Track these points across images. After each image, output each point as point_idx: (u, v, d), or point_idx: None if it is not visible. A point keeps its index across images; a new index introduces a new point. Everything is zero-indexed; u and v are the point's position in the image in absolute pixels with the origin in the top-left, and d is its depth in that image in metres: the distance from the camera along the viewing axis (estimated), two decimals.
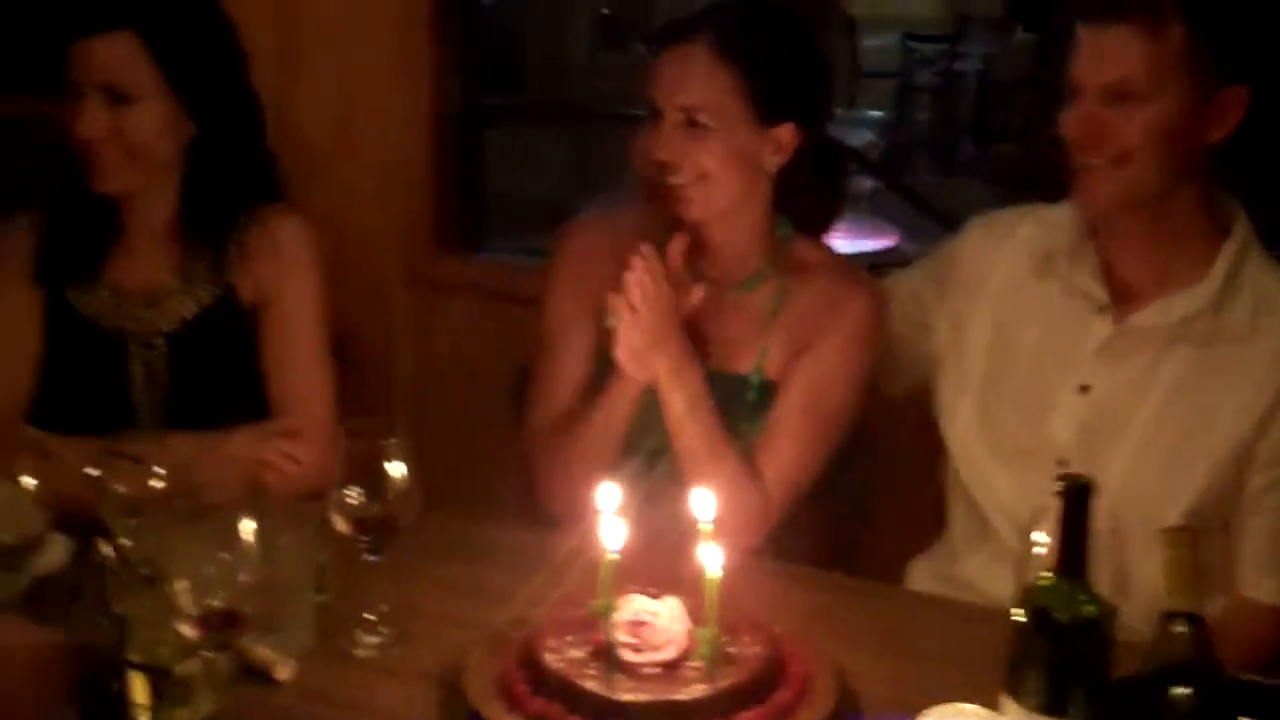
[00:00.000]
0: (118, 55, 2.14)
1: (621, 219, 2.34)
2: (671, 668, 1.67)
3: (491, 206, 3.63)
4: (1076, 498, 1.44)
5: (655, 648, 1.68)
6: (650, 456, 2.22)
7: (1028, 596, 1.49)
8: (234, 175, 2.27)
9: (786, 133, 2.19)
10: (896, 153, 9.28)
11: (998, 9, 10.85)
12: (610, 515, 1.72)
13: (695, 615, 1.71)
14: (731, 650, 1.70)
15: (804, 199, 2.29)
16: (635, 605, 1.72)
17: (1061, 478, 1.44)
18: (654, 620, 1.70)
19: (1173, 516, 2.06)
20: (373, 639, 1.85)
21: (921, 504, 2.54)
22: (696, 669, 1.67)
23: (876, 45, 10.12)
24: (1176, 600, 1.41)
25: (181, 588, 1.56)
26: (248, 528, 1.57)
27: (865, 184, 8.17)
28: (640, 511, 2.09)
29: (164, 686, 1.61)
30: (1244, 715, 1.41)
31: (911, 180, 8.04)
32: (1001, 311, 2.25)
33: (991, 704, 1.52)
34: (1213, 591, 2.04)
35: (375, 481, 1.81)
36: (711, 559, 1.68)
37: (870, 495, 2.53)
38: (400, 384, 3.19)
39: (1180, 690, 1.38)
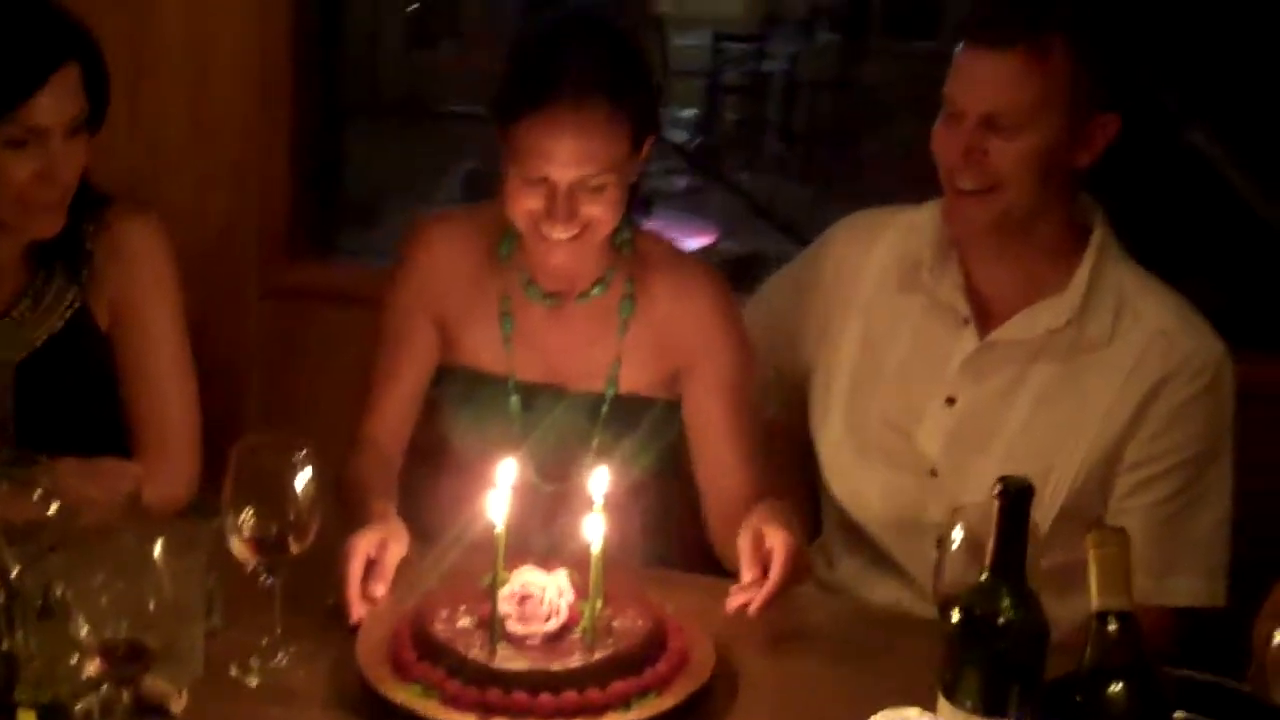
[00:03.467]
0: (70, 88, 2.04)
1: (471, 217, 2.27)
2: (554, 639, 1.75)
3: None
4: (1015, 500, 1.45)
5: (538, 619, 1.76)
6: (541, 473, 2.19)
7: (965, 598, 1.49)
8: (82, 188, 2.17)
9: (648, 147, 2.14)
10: (706, 150, 9.36)
11: (803, 10, 11.04)
12: (503, 491, 1.76)
13: (584, 590, 1.78)
14: (616, 624, 1.79)
15: None
16: (523, 578, 1.80)
17: (1001, 480, 1.45)
18: (539, 593, 1.77)
19: (1044, 520, 2.10)
20: (268, 665, 1.79)
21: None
22: (578, 640, 1.75)
23: (687, 44, 10.18)
24: (1108, 600, 1.43)
25: (82, 619, 1.47)
26: (153, 552, 1.49)
27: (680, 182, 8.25)
28: (531, 528, 2.08)
29: None
30: (1179, 710, 1.44)
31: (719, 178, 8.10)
32: (870, 322, 2.26)
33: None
34: (1084, 587, 2.10)
35: (274, 501, 1.75)
36: (595, 535, 1.74)
37: None
38: (257, 394, 3.08)
39: (1116, 688, 1.40)
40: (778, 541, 1.87)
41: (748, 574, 1.87)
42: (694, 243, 6.21)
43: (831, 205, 8.23)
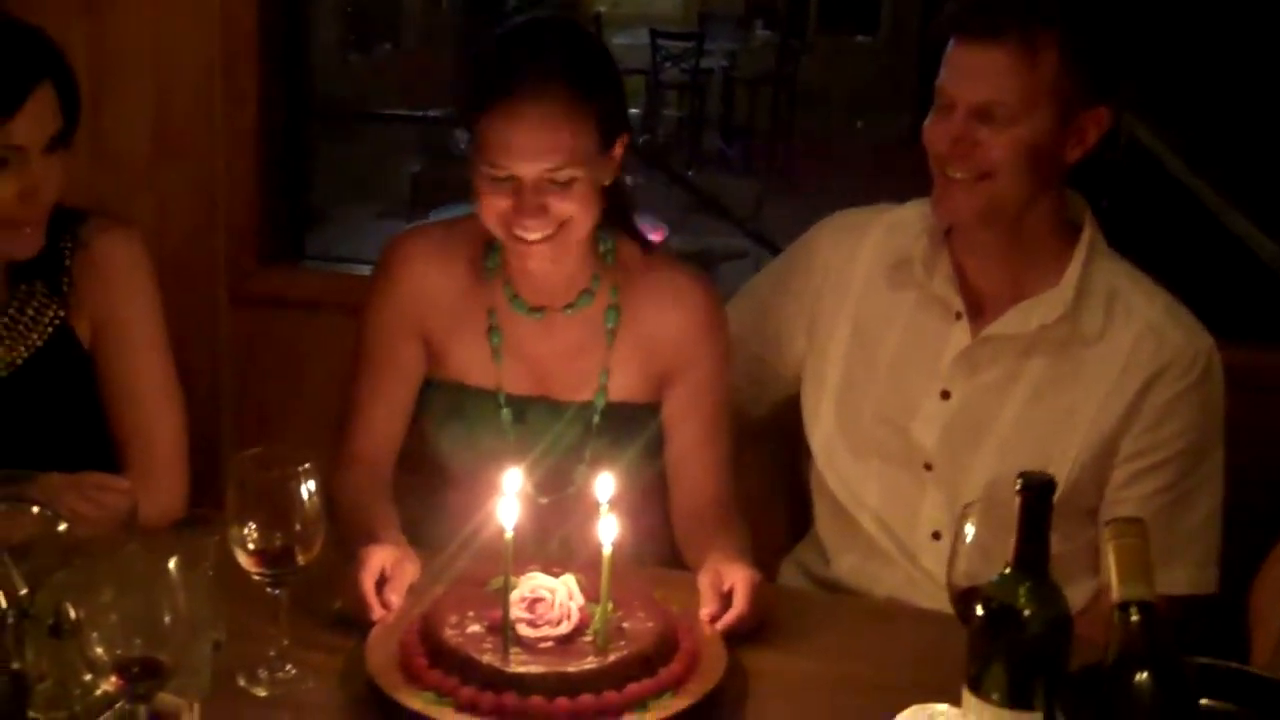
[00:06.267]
0: (48, 106, 2.02)
1: (452, 231, 2.23)
2: (566, 641, 1.75)
3: None
4: (1038, 495, 1.46)
5: (550, 622, 1.76)
6: (535, 485, 2.17)
7: (988, 592, 1.50)
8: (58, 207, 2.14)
9: (620, 147, 2.11)
10: (651, 148, 9.39)
11: (739, 7, 11.10)
12: (509, 497, 1.75)
13: (592, 593, 1.78)
14: (625, 626, 1.78)
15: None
16: (533, 582, 1.79)
17: (1022, 476, 1.46)
18: (549, 596, 1.77)
19: None
20: (276, 676, 1.77)
21: (775, 503, 2.57)
22: (590, 643, 1.75)
23: (625, 43, 10.23)
24: (1130, 590, 1.43)
25: (95, 637, 1.45)
26: (166, 567, 1.47)
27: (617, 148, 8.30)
28: (527, 540, 2.07)
29: None
30: (1204, 698, 1.45)
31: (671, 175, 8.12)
32: (860, 318, 2.27)
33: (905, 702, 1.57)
34: (1081, 576, 2.12)
35: (278, 513, 1.73)
36: (607, 536, 1.74)
37: None
38: (228, 401, 3.06)
39: (1142, 677, 1.40)
40: (739, 578, 1.89)
41: (707, 610, 1.88)
42: None
43: (774, 199, 8.33)
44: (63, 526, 1.66)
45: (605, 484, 1.81)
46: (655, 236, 6.63)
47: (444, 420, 2.23)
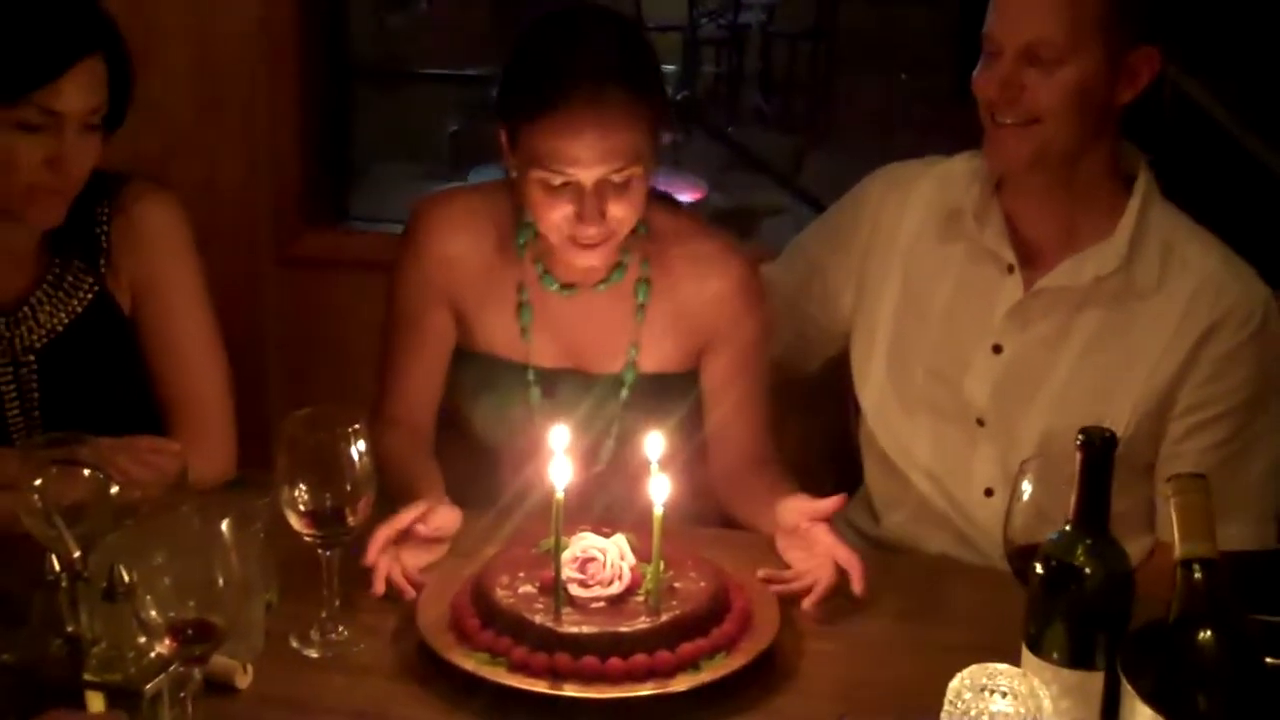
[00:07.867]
0: (94, 80, 2.00)
1: (480, 201, 2.20)
2: (618, 602, 1.74)
3: None
4: (1099, 450, 1.44)
5: (601, 583, 1.75)
6: (588, 451, 2.16)
7: (1048, 550, 1.49)
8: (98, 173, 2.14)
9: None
10: (689, 104, 9.32)
11: None
12: (559, 456, 1.75)
13: (644, 553, 1.77)
14: (677, 585, 1.78)
15: None
16: (583, 543, 1.79)
17: (1082, 431, 1.44)
18: (601, 556, 1.77)
19: None
20: (328, 637, 1.78)
21: (821, 463, 2.55)
22: (642, 603, 1.74)
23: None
24: (1192, 547, 1.41)
25: (149, 599, 1.45)
26: (218, 529, 1.47)
27: (663, 138, 8.24)
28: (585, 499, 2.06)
29: (132, 706, 1.51)
30: (1269, 656, 1.43)
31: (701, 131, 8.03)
32: (911, 272, 2.24)
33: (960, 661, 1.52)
34: (1136, 532, 2.10)
35: (328, 474, 1.72)
36: (658, 496, 1.73)
37: None
38: (276, 363, 3.06)
39: (1205, 635, 1.39)
40: (849, 560, 1.88)
41: (814, 594, 1.87)
42: (683, 198, 6.19)
43: (814, 155, 8.25)
44: (114, 489, 1.66)
45: (656, 443, 1.79)
46: (695, 195, 6.60)
47: (474, 391, 2.22)
